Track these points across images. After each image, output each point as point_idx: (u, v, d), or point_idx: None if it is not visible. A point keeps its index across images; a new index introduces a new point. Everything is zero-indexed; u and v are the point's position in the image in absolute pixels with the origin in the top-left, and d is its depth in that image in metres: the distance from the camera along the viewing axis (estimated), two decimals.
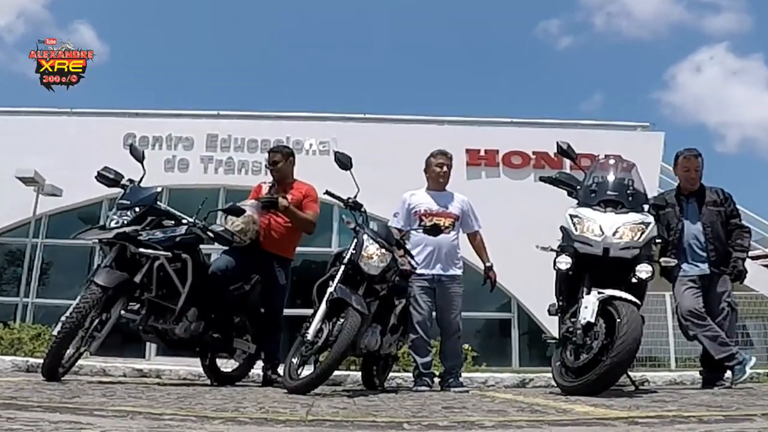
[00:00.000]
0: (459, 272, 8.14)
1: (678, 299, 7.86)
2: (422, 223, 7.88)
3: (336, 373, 7.43)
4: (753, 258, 8.51)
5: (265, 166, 8.61)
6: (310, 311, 6.70)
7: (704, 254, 7.86)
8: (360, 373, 8.51)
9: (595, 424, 3.56)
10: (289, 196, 8.21)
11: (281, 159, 8.45)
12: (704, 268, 7.82)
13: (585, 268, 6.54)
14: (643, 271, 6.38)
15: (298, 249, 8.48)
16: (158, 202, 7.58)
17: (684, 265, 7.85)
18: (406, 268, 7.71)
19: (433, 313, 8.09)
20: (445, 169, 8.44)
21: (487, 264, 8.23)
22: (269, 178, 8.72)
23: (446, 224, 7.89)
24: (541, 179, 7.93)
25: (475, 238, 8.36)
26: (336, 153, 7.52)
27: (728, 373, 7.66)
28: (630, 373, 7.09)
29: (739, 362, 7.53)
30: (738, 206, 8.39)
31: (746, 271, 8.04)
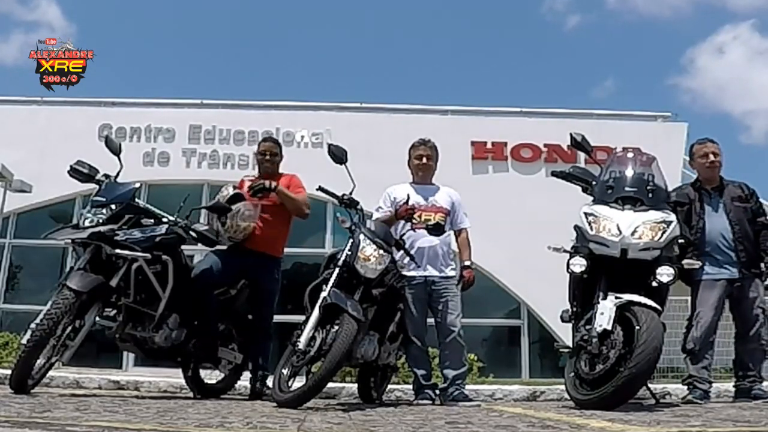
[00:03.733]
0: (454, 273, 8.11)
1: (699, 308, 7.83)
2: (425, 221, 7.88)
3: (330, 385, 7.40)
4: None
5: (256, 155, 8.55)
6: (301, 318, 6.66)
7: (733, 255, 7.81)
8: (356, 385, 8.53)
9: None
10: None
11: (279, 151, 8.48)
12: (734, 271, 7.77)
13: (601, 270, 6.50)
14: (665, 274, 6.32)
15: (289, 250, 8.48)
16: (136, 199, 7.62)
17: (709, 268, 7.77)
18: (411, 274, 7.77)
19: (429, 319, 8.07)
20: (424, 160, 8.37)
21: (466, 263, 8.20)
22: (253, 172, 8.75)
23: (436, 220, 7.89)
24: (554, 174, 7.87)
25: (461, 235, 8.33)
26: (330, 146, 7.54)
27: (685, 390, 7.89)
28: (650, 385, 7.10)
29: (704, 395, 7.69)
30: (764, 203, 8.39)
31: None
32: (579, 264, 6.59)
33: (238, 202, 7.98)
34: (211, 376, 8.45)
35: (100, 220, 7.14)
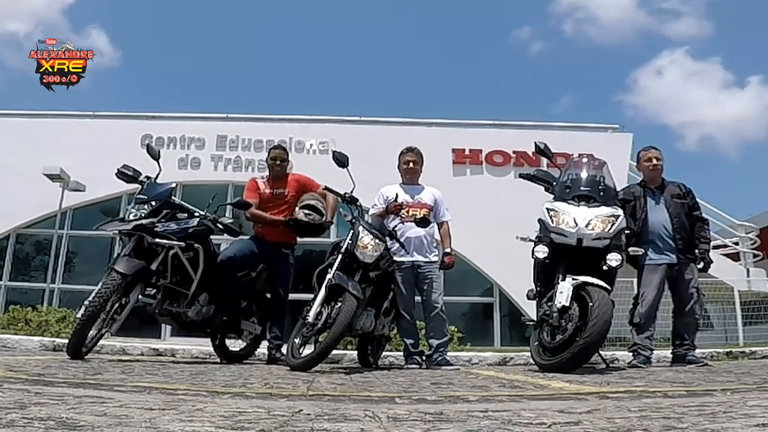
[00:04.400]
0: (436, 258, 8.11)
1: (643, 288, 7.89)
2: (412, 215, 7.89)
3: (334, 352, 7.46)
4: (714, 248, 8.58)
5: (267, 160, 8.56)
6: (311, 296, 6.71)
7: (672, 244, 7.89)
8: (356, 352, 8.53)
9: (570, 399, 3.55)
10: (288, 189, 8.34)
11: (286, 157, 8.48)
12: (673, 257, 7.85)
13: (560, 256, 6.58)
14: (614, 259, 6.42)
15: (300, 239, 8.46)
16: (173, 197, 7.61)
17: (652, 254, 7.87)
18: (404, 262, 7.79)
19: (417, 297, 8.10)
20: (411, 165, 8.39)
21: (447, 250, 8.18)
22: (262, 174, 8.81)
23: (423, 214, 7.90)
24: (521, 176, 7.94)
25: (442, 227, 8.30)
26: (334, 152, 7.55)
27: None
28: (601, 352, 7.12)
29: (646, 360, 7.76)
30: (698, 200, 8.44)
31: (712, 261, 8.13)
32: (542, 251, 6.68)
33: (248, 206, 8.18)
34: (234, 345, 8.44)
35: (143, 215, 7.16)
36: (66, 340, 7.11)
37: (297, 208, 8.05)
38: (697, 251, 7.97)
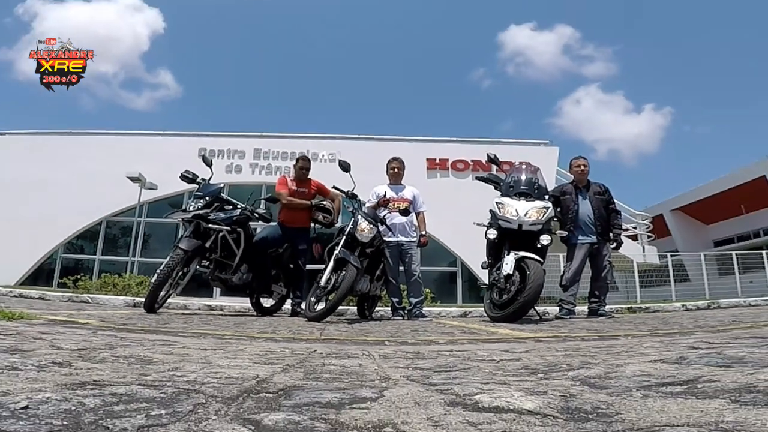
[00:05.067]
0: (414, 239, 8.09)
1: (572, 261, 7.93)
2: (396, 207, 7.92)
3: (340, 308, 7.46)
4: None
5: (295, 166, 8.57)
6: (323, 266, 6.83)
7: (594, 228, 7.94)
8: (356, 308, 8.53)
9: (513, 342, 3.56)
10: (309, 189, 8.40)
11: (309, 166, 8.49)
12: (594, 238, 7.91)
13: (506, 237, 6.65)
14: (545, 239, 6.53)
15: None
16: (221, 194, 7.60)
17: (580, 236, 7.92)
18: (391, 240, 7.83)
19: (401, 268, 8.10)
20: (396, 170, 8.42)
21: (423, 233, 8.18)
22: (291, 174, 8.83)
23: (404, 206, 7.91)
24: (477, 178, 7.97)
25: (419, 216, 8.26)
26: (340, 161, 7.65)
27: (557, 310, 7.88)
28: (536, 308, 7.12)
29: (570, 312, 7.80)
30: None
31: (623, 242, 8.22)
32: (492, 233, 6.75)
33: (276, 201, 8.37)
34: (267, 302, 8.44)
35: (199, 207, 7.24)
36: (143, 299, 7.12)
37: (315, 209, 8.19)
38: (611, 234, 8.04)
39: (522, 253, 6.31)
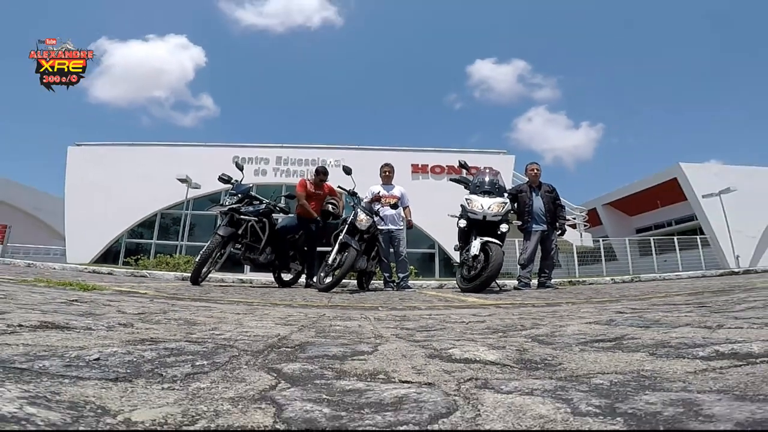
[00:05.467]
0: (401, 227, 8.09)
1: (527, 244, 7.91)
2: (386, 203, 7.94)
3: (343, 281, 7.47)
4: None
5: (316, 176, 8.50)
6: (330, 248, 6.83)
7: (544, 219, 7.90)
8: (356, 281, 8.52)
9: (478, 308, 3.56)
10: (323, 191, 8.36)
11: (325, 176, 8.44)
12: (544, 227, 7.87)
13: (473, 226, 6.63)
14: (503, 227, 6.53)
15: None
16: (251, 192, 7.59)
17: (533, 225, 7.87)
18: (383, 228, 7.83)
19: (391, 250, 8.09)
20: (387, 173, 8.42)
21: (408, 219, 8.18)
22: (310, 177, 8.79)
23: (394, 202, 7.93)
24: (451, 180, 7.96)
25: (406, 209, 8.27)
26: (344, 166, 7.63)
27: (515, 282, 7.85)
28: (497, 281, 7.13)
29: (525, 285, 7.72)
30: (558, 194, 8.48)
31: (566, 230, 8.20)
32: (463, 223, 6.75)
33: (293, 197, 8.32)
34: (286, 277, 8.42)
35: (233, 202, 7.23)
36: (189, 274, 7.11)
37: (326, 202, 8.14)
38: (557, 224, 8.01)
39: (486, 239, 6.32)
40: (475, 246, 6.33)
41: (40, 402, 1.02)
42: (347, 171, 7.63)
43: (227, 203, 7.27)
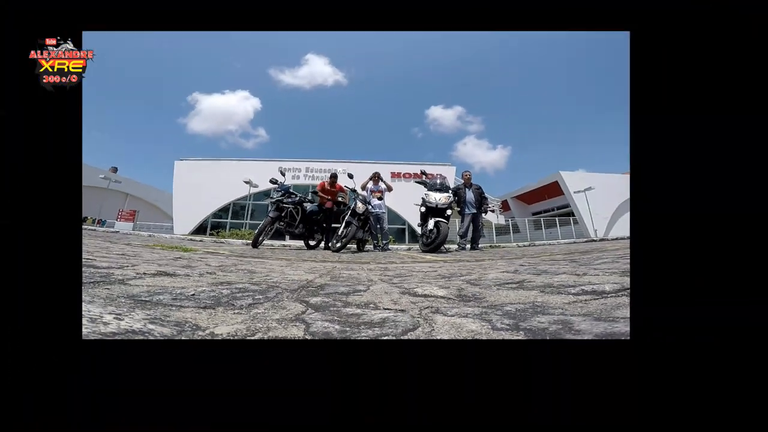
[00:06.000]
0: (384, 212, 7.90)
1: (463, 223, 7.82)
2: (375, 196, 7.86)
3: (348, 246, 7.42)
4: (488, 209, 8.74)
5: (330, 179, 8.28)
6: (339, 225, 6.74)
7: (474, 206, 7.79)
8: (356, 246, 8.47)
9: (432, 262, 3.57)
10: (335, 189, 8.09)
11: (336, 179, 8.29)
12: (474, 211, 7.75)
13: (430, 211, 6.53)
14: (449, 212, 6.45)
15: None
16: (290, 189, 7.47)
17: (467, 210, 7.76)
18: (373, 212, 7.75)
19: (378, 225, 8.01)
20: (375, 177, 8.20)
21: (388, 186, 8.16)
22: (327, 180, 8.64)
23: (380, 195, 7.86)
24: (416, 182, 7.79)
25: (387, 189, 8.13)
26: (348, 173, 7.58)
27: (456, 246, 7.76)
28: (445, 246, 7.14)
29: (462, 248, 7.54)
30: (483, 190, 8.44)
31: (487, 213, 8.14)
32: (423, 209, 6.65)
33: (316, 193, 8.02)
34: (312, 243, 8.29)
35: (279, 196, 7.07)
36: (250, 241, 7.02)
37: (337, 196, 7.93)
38: (483, 209, 7.90)
39: (437, 219, 6.24)
40: (431, 224, 6.25)
41: (157, 321, 1.04)
42: (350, 176, 7.55)
43: (275, 197, 7.09)
